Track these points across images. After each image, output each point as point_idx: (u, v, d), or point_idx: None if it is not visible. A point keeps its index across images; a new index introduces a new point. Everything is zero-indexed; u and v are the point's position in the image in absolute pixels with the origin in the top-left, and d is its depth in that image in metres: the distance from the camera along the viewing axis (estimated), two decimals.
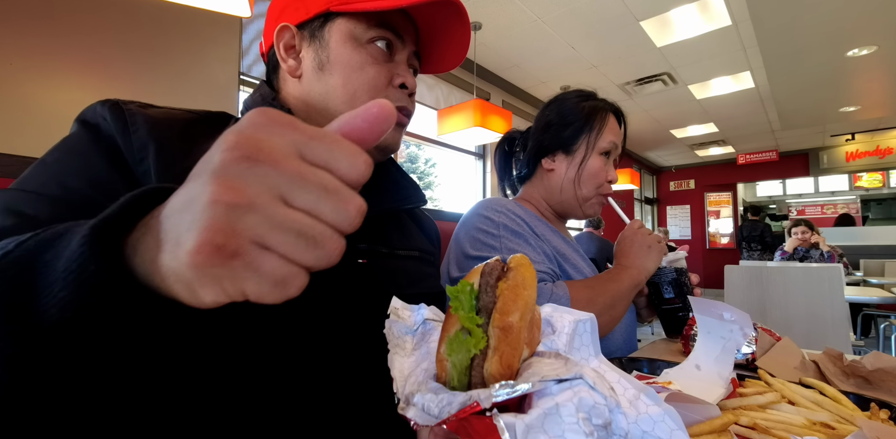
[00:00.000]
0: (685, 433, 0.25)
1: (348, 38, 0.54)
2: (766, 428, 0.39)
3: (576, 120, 0.92)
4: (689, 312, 0.84)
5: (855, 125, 6.11)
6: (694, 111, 5.64)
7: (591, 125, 0.91)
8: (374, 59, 0.55)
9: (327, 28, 0.55)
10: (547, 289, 0.73)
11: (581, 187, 0.91)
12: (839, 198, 8.72)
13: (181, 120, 0.49)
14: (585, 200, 0.92)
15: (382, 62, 0.55)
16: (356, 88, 0.54)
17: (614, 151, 0.94)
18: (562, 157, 0.93)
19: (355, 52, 0.54)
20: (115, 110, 0.45)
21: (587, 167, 0.90)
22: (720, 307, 0.55)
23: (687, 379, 0.52)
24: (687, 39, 3.71)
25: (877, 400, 0.46)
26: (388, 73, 0.56)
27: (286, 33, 0.56)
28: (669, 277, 0.86)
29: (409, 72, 0.58)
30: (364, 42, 0.54)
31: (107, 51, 1.93)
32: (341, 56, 0.54)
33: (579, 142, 0.91)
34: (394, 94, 0.56)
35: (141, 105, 0.48)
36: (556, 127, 0.93)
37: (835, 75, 4.17)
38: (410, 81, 0.57)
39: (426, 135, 3.96)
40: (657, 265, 0.84)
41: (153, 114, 0.47)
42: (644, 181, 8.64)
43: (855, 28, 3.24)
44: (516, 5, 3.21)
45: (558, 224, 0.99)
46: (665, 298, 0.86)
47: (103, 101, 0.47)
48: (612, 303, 0.76)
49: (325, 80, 0.54)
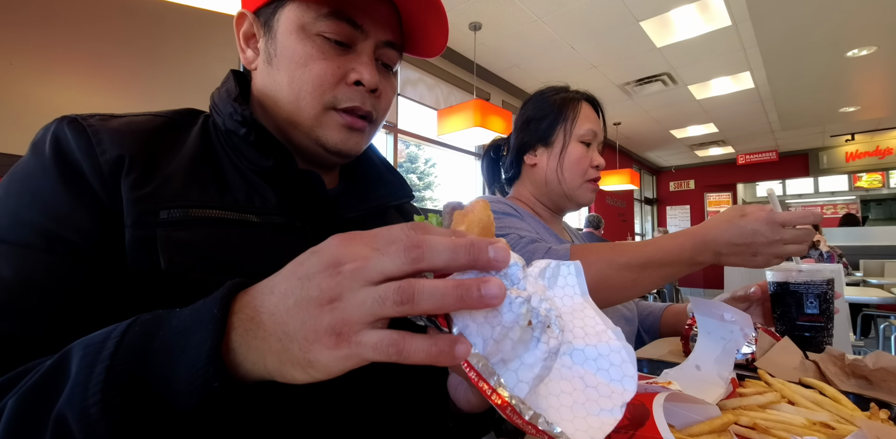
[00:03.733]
0: (635, 367, 0.26)
1: (295, 29, 0.48)
2: (765, 428, 0.39)
3: (549, 112, 0.93)
4: (830, 338, 0.73)
5: (855, 125, 6.12)
6: (694, 111, 5.64)
7: (564, 115, 0.92)
8: (322, 53, 0.48)
9: (277, 16, 0.49)
10: (542, 246, 0.71)
11: (565, 176, 0.91)
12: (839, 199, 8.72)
13: (149, 127, 0.46)
14: (573, 189, 0.93)
15: (333, 56, 0.48)
16: (300, 87, 0.48)
17: (594, 139, 0.93)
18: (542, 150, 0.94)
19: (300, 45, 0.47)
20: (75, 128, 0.42)
21: (567, 155, 0.91)
22: (721, 308, 0.55)
23: (687, 379, 0.52)
24: (687, 39, 3.71)
25: (876, 400, 0.46)
26: (340, 68, 0.49)
27: (244, 21, 0.51)
28: (819, 289, 0.72)
29: (371, 65, 0.50)
30: (312, 33, 0.47)
31: (106, 50, 1.93)
32: (286, 49, 0.48)
33: (556, 132, 0.92)
34: (345, 92, 0.49)
35: (102, 118, 0.45)
36: (532, 122, 0.95)
37: (835, 75, 4.17)
38: (367, 77, 0.49)
39: (426, 136, 3.96)
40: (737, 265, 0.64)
41: (116, 126, 0.44)
42: (644, 181, 8.64)
43: (855, 28, 3.24)
44: (516, 5, 3.21)
45: (553, 221, 0.99)
46: (806, 313, 0.73)
47: (60, 119, 0.43)
48: (643, 263, 0.65)
49: (273, 76, 0.49)
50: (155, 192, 0.41)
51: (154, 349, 0.26)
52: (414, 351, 0.24)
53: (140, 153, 0.43)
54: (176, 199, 0.42)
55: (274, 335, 0.25)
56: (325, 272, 0.25)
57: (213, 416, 0.26)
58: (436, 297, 0.24)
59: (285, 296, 0.26)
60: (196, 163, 0.46)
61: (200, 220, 0.42)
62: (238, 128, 0.47)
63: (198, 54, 2.22)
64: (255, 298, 0.27)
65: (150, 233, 0.40)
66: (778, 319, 0.78)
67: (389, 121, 3.58)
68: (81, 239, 0.38)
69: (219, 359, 0.25)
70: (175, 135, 0.47)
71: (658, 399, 0.34)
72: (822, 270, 0.74)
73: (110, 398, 0.25)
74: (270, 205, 0.47)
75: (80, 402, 0.25)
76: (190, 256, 0.40)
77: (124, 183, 0.41)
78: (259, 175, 0.48)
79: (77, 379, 0.26)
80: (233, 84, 0.52)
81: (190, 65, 2.18)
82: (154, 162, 0.43)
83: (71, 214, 0.38)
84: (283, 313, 0.25)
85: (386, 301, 0.24)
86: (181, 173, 0.44)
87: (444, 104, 3.97)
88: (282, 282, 0.27)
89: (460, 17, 3.38)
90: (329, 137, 0.50)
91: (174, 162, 0.44)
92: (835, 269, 0.80)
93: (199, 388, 0.25)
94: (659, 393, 0.35)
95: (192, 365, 0.25)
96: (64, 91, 1.82)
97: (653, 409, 0.32)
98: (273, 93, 0.50)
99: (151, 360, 0.26)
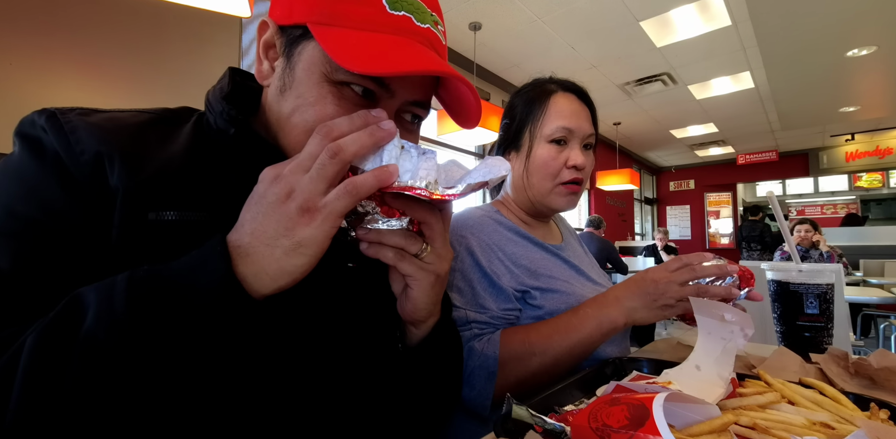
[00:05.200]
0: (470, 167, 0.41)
1: (317, 71, 0.43)
2: (765, 428, 0.39)
3: (518, 113, 0.87)
4: (830, 338, 0.73)
5: (855, 125, 6.12)
6: (694, 111, 5.64)
7: (532, 115, 0.84)
8: (338, 98, 0.43)
9: (299, 48, 0.44)
10: (476, 350, 0.68)
11: (532, 182, 0.84)
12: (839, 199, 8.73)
13: (132, 124, 0.44)
14: (542, 195, 0.84)
15: (350, 104, 0.43)
16: (306, 129, 0.42)
17: (572, 136, 0.83)
18: (514, 155, 0.88)
19: (317, 87, 0.43)
20: (52, 122, 0.40)
21: (533, 159, 0.83)
22: (721, 308, 0.55)
23: (687, 379, 0.52)
24: (687, 39, 3.71)
25: (876, 400, 0.46)
26: None
27: (267, 29, 0.47)
28: (819, 289, 0.73)
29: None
30: (334, 79, 0.43)
31: (107, 51, 1.93)
32: (301, 85, 0.43)
33: (523, 135, 0.85)
34: None
35: (82, 112, 0.43)
36: (506, 125, 0.89)
37: (835, 75, 4.17)
38: None
39: (426, 136, 3.96)
40: (650, 321, 0.69)
41: (97, 121, 0.42)
42: (644, 181, 8.64)
43: (855, 28, 3.24)
44: (516, 5, 3.21)
45: (537, 225, 0.92)
46: (806, 313, 0.73)
47: (40, 112, 0.41)
48: (565, 352, 0.68)
49: (281, 106, 0.45)
50: (143, 191, 0.40)
51: (165, 280, 0.33)
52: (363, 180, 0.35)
53: (121, 150, 0.40)
54: (164, 200, 0.40)
55: (261, 245, 0.34)
56: (271, 185, 0.35)
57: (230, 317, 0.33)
58: (356, 139, 0.35)
59: (254, 218, 0.35)
60: (188, 162, 0.44)
61: (188, 224, 0.41)
62: (228, 127, 0.45)
63: (198, 54, 2.22)
64: (233, 235, 0.35)
65: (136, 234, 0.39)
66: (778, 319, 0.78)
67: None
68: (69, 229, 0.38)
69: (231, 276, 0.33)
70: (163, 133, 0.45)
71: (658, 399, 0.34)
72: (822, 270, 0.74)
73: (137, 303, 0.31)
74: None
75: (108, 317, 0.30)
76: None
77: (110, 179, 0.39)
78: (251, 176, 0.46)
79: (99, 305, 0.31)
80: (227, 82, 0.49)
81: (190, 65, 2.18)
82: (139, 160, 0.41)
83: (60, 205, 0.38)
84: (259, 228, 0.34)
85: (323, 163, 0.34)
86: (171, 172, 0.42)
87: None
88: (244, 213, 0.36)
89: (460, 17, 3.38)
90: None
91: (164, 159, 0.43)
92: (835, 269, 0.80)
93: (218, 290, 0.33)
94: (659, 393, 0.35)
95: (209, 282, 0.33)
96: (64, 91, 1.82)
97: (653, 409, 0.32)
98: (276, 121, 0.46)
99: (166, 285, 0.32)
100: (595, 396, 0.54)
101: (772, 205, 0.74)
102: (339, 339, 0.48)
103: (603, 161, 6.74)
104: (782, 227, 0.80)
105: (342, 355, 0.48)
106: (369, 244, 0.41)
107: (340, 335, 0.48)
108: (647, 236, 8.92)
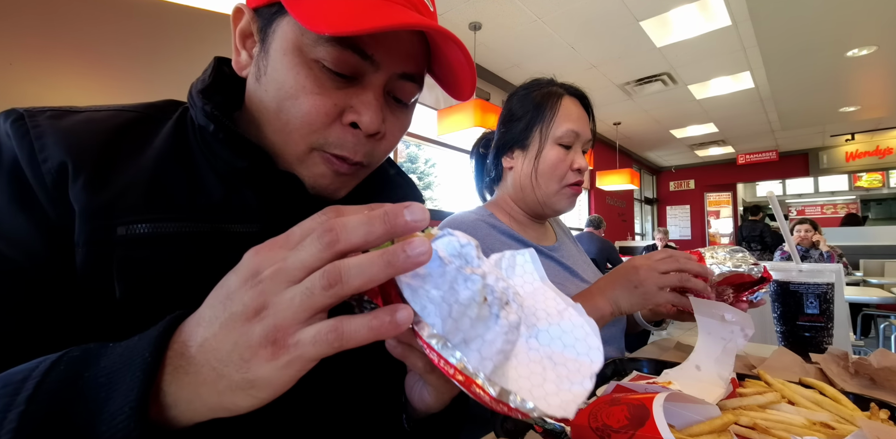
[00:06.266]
0: (599, 339, 0.27)
1: (290, 49, 0.39)
2: (765, 428, 0.39)
3: (526, 112, 0.86)
4: (830, 338, 0.73)
5: (855, 125, 6.11)
6: (694, 111, 5.64)
7: (542, 115, 0.84)
8: (318, 86, 0.39)
9: (273, 27, 0.40)
10: None
11: (539, 182, 0.84)
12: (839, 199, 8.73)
13: (108, 127, 0.40)
14: (549, 195, 0.85)
15: (331, 89, 0.40)
16: (287, 121, 0.40)
17: (577, 140, 0.84)
18: (518, 153, 0.87)
19: (293, 72, 0.39)
20: (17, 127, 0.36)
21: (543, 159, 0.84)
22: (721, 308, 0.55)
23: (687, 379, 0.52)
24: (687, 39, 3.71)
25: (876, 400, 0.46)
26: (337, 106, 0.40)
27: (242, 17, 0.43)
28: (819, 289, 0.73)
29: (374, 105, 0.41)
30: (310, 58, 0.39)
31: (107, 50, 1.93)
32: (277, 72, 0.40)
33: (532, 135, 0.85)
34: (337, 135, 0.41)
35: (54, 114, 0.38)
36: (509, 123, 0.88)
37: (835, 75, 4.17)
38: (367, 120, 0.40)
39: (426, 136, 3.97)
40: (634, 309, 0.70)
41: (69, 125, 0.38)
42: (644, 181, 8.64)
43: (855, 28, 3.24)
44: (516, 5, 3.21)
45: (532, 227, 0.92)
46: (806, 313, 0.73)
47: (6, 113, 0.37)
48: None
49: (260, 96, 0.42)
50: (111, 204, 0.36)
51: (76, 394, 0.24)
52: (355, 330, 0.23)
53: (92, 158, 0.36)
54: (136, 211, 0.36)
55: (206, 365, 0.24)
56: (244, 286, 0.24)
57: None
58: (364, 269, 0.23)
59: (211, 323, 0.24)
60: (165, 164, 0.40)
61: (164, 237, 0.37)
62: (207, 123, 0.40)
63: (198, 54, 2.21)
64: (184, 332, 0.25)
65: (104, 253, 0.35)
66: (778, 319, 0.78)
67: None
68: (26, 259, 0.33)
69: (143, 412, 0.23)
70: (144, 133, 0.41)
71: (658, 399, 0.34)
72: (823, 270, 0.74)
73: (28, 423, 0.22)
74: (250, 209, 0.42)
75: None
76: (150, 282, 0.35)
77: (72, 193, 0.35)
78: (236, 176, 0.42)
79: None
80: (209, 73, 0.45)
81: (190, 64, 2.18)
82: (111, 167, 0.37)
83: (16, 230, 0.34)
84: (212, 340, 0.24)
85: (314, 290, 0.23)
86: (145, 178, 0.38)
87: (443, 104, 3.97)
88: (206, 309, 0.25)
89: (460, 17, 3.38)
90: (309, 178, 0.43)
91: (138, 164, 0.39)
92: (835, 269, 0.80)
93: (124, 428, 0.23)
94: (659, 393, 0.35)
95: (114, 417, 0.23)
96: (64, 91, 1.82)
97: (653, 409, 0.33)
98: (259, 113, 0.42)
99: (71, 407, 0.23)
100: (595, 396, 0.54)
101: (772, 204, 0.74)
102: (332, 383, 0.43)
103: (603, 161, 6.74)
104: (782, 227, 0.80)
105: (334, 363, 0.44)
106: (397, 343, 0.33)
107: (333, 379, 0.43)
108: (647, 236, 8.92)
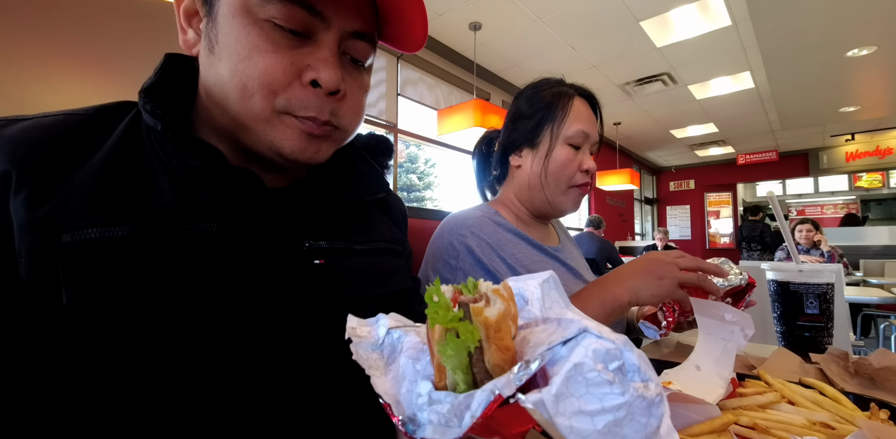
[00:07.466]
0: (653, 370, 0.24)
1: (239, 11, 0.39)
2: (765, 428, 0.39)
3: (537, 111, 0.85)
4: (830, 338, 0.73)
5: (855, 125, 6.11)
6: (694, 111, 5.64)
7: (552, 114, 0.84)
8: (271, 44, 0.39)
9: None
10: None
11: (549, 181, 0.84)
12: (839, 199, 8.73)
13: (56, 132, 0.39)
14: (556, 195, 0.85)
15: (285, 48, 0.40)
16: (245, 84, 0.39)
17: (586, 141, 0.84)
18: (527, 152, 0.87)
19: (244, 32, 0.39)
20: None
21: (552, 159, 0.83)
22: (721, 308, 0.55)
23: (687, 379, 0.52)
24: (687, 39, 3.71)
25: (876, 400, 0.46)
26: (294, 64, 0.40)
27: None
28: (819, 289, 0.73)
29: (331, 62, 0.41)
30: (260, 18, 0.39)
31: (107, 50, 1.93)
32: (228, 36, 0.39)
33: (542, 133, 0.84)
34: (299, 96, 0.41)
35: (1, 123, 0.39)
36: (519, 121, 0.88)
37: (835, 75, 4.17)
38: (325, 77, 0.40)
39: (426, 136, 3.96)
40: (653, 300, 0.67)
41: (12, 134, 0.37)
42: (644, 181, 8.64)
43: (855, 28, 3.24)
44: (516, 5, 3.21)
45: (536, 227, 0.92)
46: (806, 313, 0.73)
47: None
48: None
49: (216, 68, 0.40)
50: (55, 212, 0.35)
51: None
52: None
53: (36, 165, 0.36)
54: (82, 217, 0.35)
55: None
56: None
57: None
58: None
59: None
60: (115, 166, 0.39)
61: (115, 241, 0.35)
62: (155, 122, 0.40)
63: None
64: None
65: (49, 261, 0.34)
66: (778, 319, 0.78)
67: (389, 121, 3.58)
68: None
69: None
70: (93, 136, 0.40)
71: None
72: (822, 270, 0.74)
73: None
74: (207, 208, 0.41)
75: None
76: (99, 287, 0.34)
77: (13, 204, 0.35)
78: (190, 175, 0.41)
79: None
80: (156, 71, 0.44)
81: None
82: (57, 174, 0.36)
83: None
84: None
85: None
86: (91, 183, 0.37)
87: (444, 104, 3.97)
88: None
89: (460, 17, 3.38)
90: (285, 144, 0.42)
91: (86, 169, 0.38)
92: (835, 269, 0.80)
93: None
94: None
95: None
96: (64, 91, 1.82)
97: None
98: (217, 88, 0.41)
99: None
100: None
101: (772, 205, 0.74)
102: (306, 346, 0.43)
103: (603, 161, 6.73)
104: (782, 227, 0.80)
105: (308, 364, 0.43)
106: None
107: (307, 341, 0.44)
108: (647, 236, 8.92)
